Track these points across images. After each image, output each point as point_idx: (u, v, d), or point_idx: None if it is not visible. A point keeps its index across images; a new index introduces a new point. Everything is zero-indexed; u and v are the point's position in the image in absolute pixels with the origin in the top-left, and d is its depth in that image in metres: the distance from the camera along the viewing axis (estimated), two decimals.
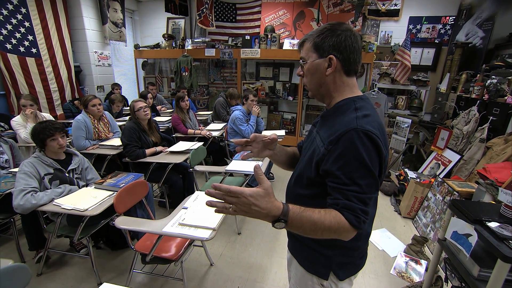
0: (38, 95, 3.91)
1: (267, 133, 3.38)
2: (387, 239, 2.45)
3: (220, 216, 1.50)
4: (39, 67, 3.95)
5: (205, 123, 4.23)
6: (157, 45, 5.19)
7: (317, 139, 0.86)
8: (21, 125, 2.87)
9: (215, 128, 3.65)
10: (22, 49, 3.75)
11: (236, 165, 2.40)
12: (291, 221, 0.67)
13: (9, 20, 3.58)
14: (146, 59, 5.60)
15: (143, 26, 5.80)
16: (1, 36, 3.50)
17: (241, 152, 1.05)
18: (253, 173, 0.74)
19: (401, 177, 3.27)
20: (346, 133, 0.72)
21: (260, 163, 2.43)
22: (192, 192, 1.82)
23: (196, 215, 1.52)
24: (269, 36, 4.45)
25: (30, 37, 3.83)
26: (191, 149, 2.61)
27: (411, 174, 3.10)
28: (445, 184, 2.39)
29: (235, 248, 2.31)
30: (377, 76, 4.51)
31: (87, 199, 1.67)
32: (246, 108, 3.37)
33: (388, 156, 0.82)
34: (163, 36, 5.06)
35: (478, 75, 3.19)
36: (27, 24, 3.77)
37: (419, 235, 2.39)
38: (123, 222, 1.48)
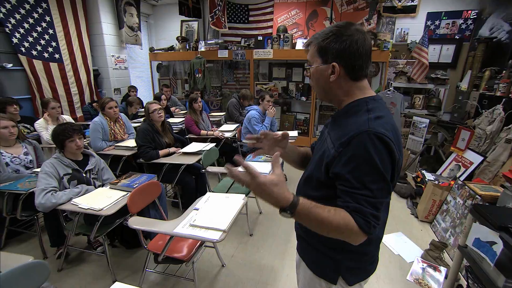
0: (60, 98, 4.10)
1: (281, 133, 3.38)
2: (403, 243, 2.37)
3: (230, 218, 1.51)
4: (61, 72, 4.13)
5: (218, 124, 4.26)
6: (171, 48, 5.30)
7: (327, 140, 0.84)
8: (44, 128, 3.01)
9: (228, 129, 3.68)
10: (46, 55, 3.93)
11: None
12: (298, 214, 0.69)
13: (35, 28, 3.77)
14: (160, 62, 5.73)
15: (158, 29, 5.93)
16: (28, 43, 3.70)
17: (252, 154, 1.05)
18: (266, 173, 0.75)
19: (418, 179, 3.15)
20: (357, 136, 0.70)
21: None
22: (205, 193, 1.84)
23: (207, 216, 1.53)
24: (282, 37, 4.43)
25: (54, 44, 4.01)
26: (203, 150, 2.64)
27: (428, 176, 2.98)
28: (466, 187, 2.28)
29: (247, 249, 2.31)
30: (392, 75, 4.38)
31: (102, 199, 1.72)
32: (262, 108, 3.37)
33: (402, 158, 0.79)
34: (177, 38, 5.15)
35: (504, 72, 3.02)
36: (51, 31, 3.96)
37: (437, 240, 2.30)
38: (136, 222, 1.51)
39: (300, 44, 4.41)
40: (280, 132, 1.01)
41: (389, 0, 4.29)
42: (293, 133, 3.36)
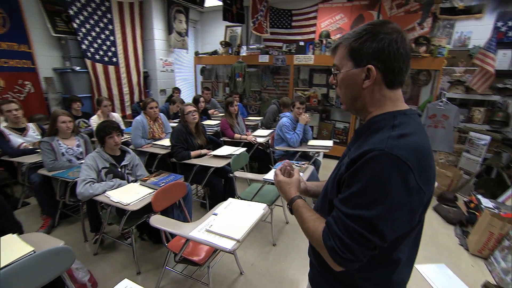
0: (113, 97, 4.53)
1: (315, 142, 3.27)
2: (446, 278, 2.06)
3: (247, 227, 1.47)
4: (117, 74, 4.56)
5: (255, 128, 4.27)
6: (215, 52, 5.50)
7: (346, 157, 0.75)
8: (96, 123, 3.34)
9: (262, 134, 3.66)
10: (106, 58, 4.39)
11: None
12: (294, 210, 0.82)
13: (100, 36, 4.26)
14: (204, 65, 5.98)
15: (204, 35, 6.22)
16: (93, 49, 4.18)
17: (283, 161, 1.02)
18: None
19: (472, 205, 2.74)
20: (369, 153, 0.61)
21: (301, 173, 2.32)
22: (233, 197, 1.83)
23: (224, 223, 1.51)
24: (324, 42, 4.28)
25: (113, 49, 4.46)
26: (233, 154, 2.66)
27: (486, 202, 2.57)
28: None
29: (268, 259, 2.25)
30: (447, 85, 3.91)
31: (131, 194, 1.83)
32: (294, 115, 3.29)
33: (432, 188, 0.66)
34: (220, 43, 5.33)
35: None
36: (112, 38, 4.42)
37: (495, 282, 1.95)
38: (157, 221, 1.57)
39: None
40: (316, 143, 0.98)
41: (448, 1, 3.85)
42: (329, 143, 3.21)
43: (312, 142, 3.25)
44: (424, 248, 2.41)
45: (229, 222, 1.53)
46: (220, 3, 4.53)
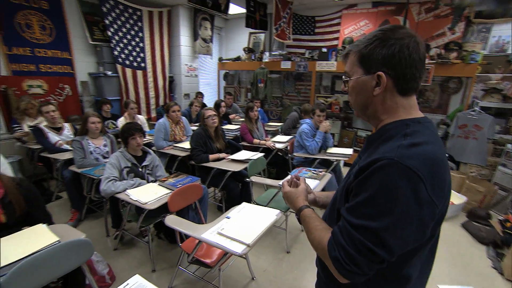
0: (140, 101, 4.77)
1: (334, 150, 3.20)
2: None
3: (258, 232, 1.47)
4: (144, 78, 4.81)
5: (275, 134, 4.27)
6: (238, 58, 5.61)
7: (356, 166, 0.74)
8: (123, 124, 3.54)
9: (281, 140, 3.65)
10: (135, 64, 4.65)
11: None
12: (302, 219, 0.81)
13: (131, 43, 4.53)
14: (228, 71, 6.12)
15: (228, 41, 6.37)
16: (124, 55, 4.45)
17: (299, 168, 1.02)
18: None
19: (508, 224, 2.52)
20: (378, 162, 0.59)
21: (317, 181, 2.29)
22: (249, 202, 1.85)
23: (236, 227, 1.52)
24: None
25: (142, 55, 4.72)
26: (251, 159, 2.68)
27: None
28: None
29: (281, 267, 2.22)
30: (481, 93, 3.65)
31: (149, 194, 1.90)
32: (314, 122, 3.25)
33: (442, 201, 0.62)
34: (244, 49, 5.43)
35: None
36: (141, 44, 4.68)
37: None
38: (171, 221, 1.61)
39: None
40: (336, 150, 0.98)
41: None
42: (348, 151, 3.12)
43: (331, 150, 3.19)
44: (451, 267, 2.25)
45: (241, 226, 1.54)
46: (245, 11, 4.63)
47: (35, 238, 1.30)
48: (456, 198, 3.08)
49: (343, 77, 0.76)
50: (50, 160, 2.93)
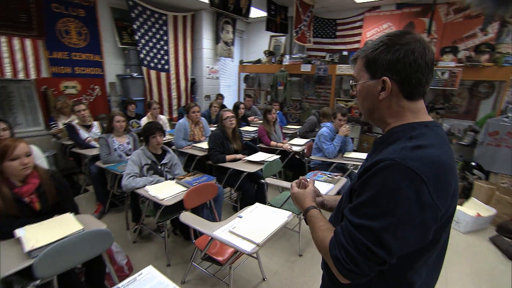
0: (162, 101, 4.97)
1: (351, 154, 3.15)
2: None
3: (268, 232, 1.49)
4: (167, 80, 5.00)
5: (293, 137, 4.27)
6: (258, 61, 5.67)
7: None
8: None
9: (298, 143, 3.65)
10: (159, 66, 4.85)
11: None
12: (308, 220, 0.82)
13: (156, 46, 4.74)
14: (248, 73, 6.20)
15: (249, 44, 6.46)
16: (149, 58, 4.67)
17: (315, 171, 1.05)
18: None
19: None
20: (380, 163, 0.60)
21: (332, 185, 2.27)
22: (264, 203, 1.88)
23: (248, 226, 1.56)
24: None
25: (166, 57, 4.92)
26: (267, 161, 2.70)
27: None
28: None
29: (293, 269, 2.21)
30: None
31: (167, 191, 1.99)
32: (335, 126, 3.21)
33: (446, 205, 0.61)
34: (264, 52, 5.48)
35: None
36: (165, 47, 4.89)
37: None
38: (186, 217, 1.68)
39: None
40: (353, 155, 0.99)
41: None
42: (365, 156, 3.05)
43: (348, 154, 3.14)
44: (475, 285, 2.12)
45: (253, 226, 1.57)
46: (266, 14, 4.68)
47: (63, 226, 1.41)
48: (484, 210, 2.90)
49: (351, 81, 0.77)
50: (80, 155, 3.14)
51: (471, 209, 2.91)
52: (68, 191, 1.71)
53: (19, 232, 1.32)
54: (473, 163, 3.41)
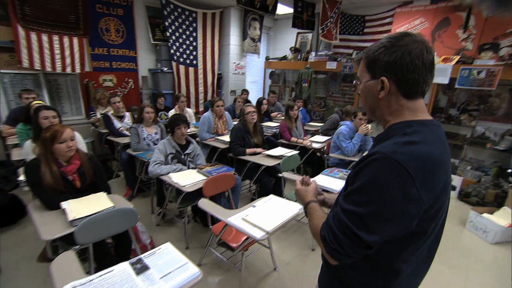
0: (190, 95, 5.20)
1: None
2: None
3: (279, 222, 1.56)
4: (195, 75, 5.22)
5: (315, 134, 4.26)
6: (284, 57, 5.69)
7: None
8: None
9: (318, 140, 3.65)
10: (188, 61, 5.08)
11: (321, 179, 2.35)
12: (307, 213, 0.88)
13: (185, 42, 4.96)
14: (274, 70, 6.24)
15: (276, 40, 6.48)
16: (179, 53, 4.90)
17: (332, 168, 1.12)
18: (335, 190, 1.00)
19: None
20: (372, 156, 0.65)
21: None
22: (280, 196, 1.95)
23: (260, 215, 1.64)
24: None
25: (194, 53, 5.13)
26: (285, 156, 2.76)
27: None
28: None
29: (305, 263, 2.27)
30: None
31: (188, 179, 2.14)
32: (354, 125, 3.18)
33: (431, 199, 0.64)
34: (290, 49, 5.49)
35: None
36: (194, 43, 5.09)
37: None
38: (204, 204, 1.81)
39: None
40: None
41: None
42: None
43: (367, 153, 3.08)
44: None
45: (265, 215, 1.65)
46: (293, 11, 4.68)
47: (98, 202, 1.61)
48: None
49: (355, 81, 0.83)
50: (114, 143, 3.43)
51: (502, 219, 2.75)
52: (102, 173, 1.91)
53: (64, 204, 1.54)
54: (509, 170, 3.19)
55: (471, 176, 3.69)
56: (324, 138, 3.70)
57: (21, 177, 1.73)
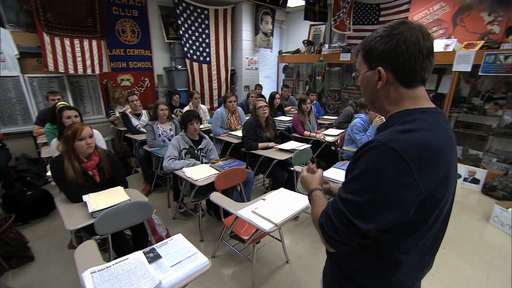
0: (204, 92, 5.27)
1: None
2: None
3: (288, 215, 1.58)
4: (209, 71, 5.28)
5: (329, 127, 4.20)
6: (297, 51, 5.62)
7: None
8: None
9: (332, 133, 3.60)
10: (201, 58, 5.14)
11: (332, 172, 2.33)
12: (311, 200, 0.88)
13: (198, 39, 5.03)
14: (287, 64, 6.18)
15: (288, 34, 6.41)
16: (192, 50, 4.98)
17: (344, 161, 1.12)
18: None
19: None
20: (370, 144, 0.65)
21: None
22: (293, 190, 1.97)
23: (269, 208, 1.67)
24: None
25: (207, 50, 5.19)
26: (297, 149, 2.76)
27: None
28: None
29: (317, 256, 2.27)
30: None
31: (201, 173, 2.20)
32: (369, 117, 3.11)
33: (430, 187, 0.62)
34: (303, 42, 5.41)
35: None
36: (207, 40, 5.15)
37: None
38: (215, 197, 1.85)
39: (440, 45, 3.62)
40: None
41: None
42: None
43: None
44: None
45: (274, 208, 1.67)
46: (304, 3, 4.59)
47: (115, 196, 1.70)
48: None
49: (354, 73, 0.82)
50: (132, 140, 3.57)
51: None
52: (120, 169, 2.01)
53: (85, 197, 1.65)
54: None
55: (497, 169, 3.50)
56: (338, 131, 3.65)
57: (48, 173, 1.85)
